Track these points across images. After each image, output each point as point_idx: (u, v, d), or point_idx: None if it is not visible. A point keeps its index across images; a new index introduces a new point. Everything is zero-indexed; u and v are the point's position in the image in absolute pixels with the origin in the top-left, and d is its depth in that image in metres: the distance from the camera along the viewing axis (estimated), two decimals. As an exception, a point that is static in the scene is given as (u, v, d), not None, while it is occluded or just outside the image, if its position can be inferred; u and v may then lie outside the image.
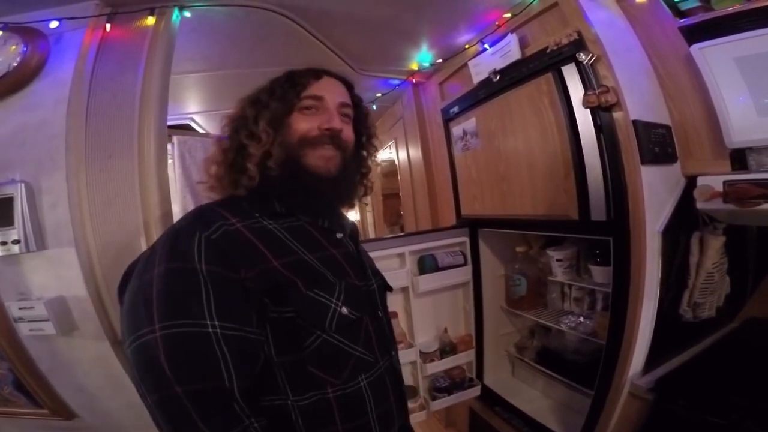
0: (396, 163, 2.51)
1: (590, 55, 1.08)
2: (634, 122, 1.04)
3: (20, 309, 0.93)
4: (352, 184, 0.78)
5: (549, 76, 1.19)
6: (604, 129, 1.09)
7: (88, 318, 0.95)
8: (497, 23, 1.39)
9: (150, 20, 1.07)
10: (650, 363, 1.15)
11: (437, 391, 1.58)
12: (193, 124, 2.13)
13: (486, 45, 1.44)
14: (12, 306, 0.94)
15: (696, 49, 1.02)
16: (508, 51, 1.32)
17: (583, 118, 1.13)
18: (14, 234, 0.90)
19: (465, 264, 1.64)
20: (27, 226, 0.91)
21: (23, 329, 0.94)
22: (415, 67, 1.81)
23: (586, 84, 1.11)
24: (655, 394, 1.05)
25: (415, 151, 2.14)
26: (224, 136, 0.73)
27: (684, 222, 1.13)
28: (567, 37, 1.13)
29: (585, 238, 1.36)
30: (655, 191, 1.08)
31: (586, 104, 1.10)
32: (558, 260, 1.49)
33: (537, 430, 1.45)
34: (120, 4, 1.05)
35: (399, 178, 2.49)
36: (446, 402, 1.59)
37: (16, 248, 0.90)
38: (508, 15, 1.33)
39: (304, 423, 0.59)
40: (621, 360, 1.14)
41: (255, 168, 0.67)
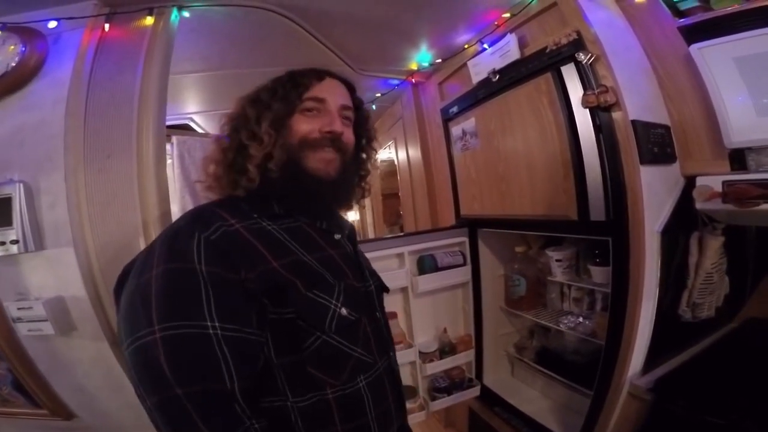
0: (395, 163, 2.51)
1: (589, 55, 1.08)
2: (633, 122, 1.04)
3: (19, 309, 0.93)
4: (351, 187, 0.78)
5: (548, 76, 1.19)
6: (603, 129, 1.09)
7: (87, 318, 0.95)
8: (496, 23, 1.39)
9: (148, 20, 1.06)
10: (649, 363, 1.15)
11: (437, 392, 1.58)
12: (193, 124, 2.13)
13: (485, 45, 1.44)
14: (10, 306, 0.94)
15: (695, 49, 1.02)
16: (508, 51, 1.32)
17: (582, 118, 1.13)
18: (13, 234, 0.90)
19: (464, 264, 1.64)
20: (25, 226, 0.91)
21: (22, 329, 0.94)
22: (415, 67, 1.81)
23: (585, 84, 1.11)
24: (655, 395, 1.05)
25: (415, 151, 2.14)
26: (224, 136, 0.72)
27: (683, 222, 1.13)
28: (566, 37, 1.13)
29: (584, 239, 1.36)
30: (654, 191, 1.08)
31: (585, 104, 1.10)
32: (557, 260, 1.49)
33: (536, 431, 1.45)
34: (118, 4, 1.05)
35: (398, 178, 2.49)
36: (446, 402, 1.59)
37: (15, 248, 0.90)
38: (507, 15, 1.33)
39: (304, 424, 0.59)
40: (620, 360, 1.13)
41: (255, 169, 0.66)
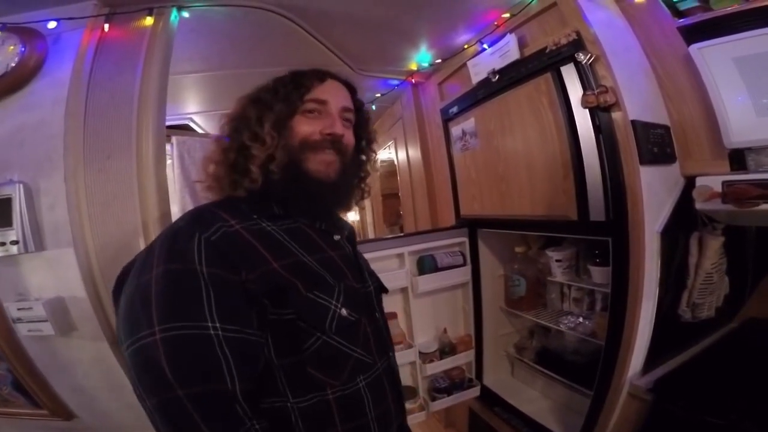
0: (395, 164, 2.51)
1: (589, 55, 1.08)
2: (633, 122, 1.04)
3: (19, 310, 0.93)
4: (351, 189, 0.78)
5: (548, 77, 1.19)
6: (603, 129, 1.09)
7: (87, 318, 0.95)
8: (496, 23, 1.39)
9: (148, 20, 1.06)
10: (649, 363, 1.15)
11: (437, 392, 1.57)
12: (193, 125, 2.13)
13: (485, 45, 1.44)
14: (11, 307, 0.94)
15: (695, 49, 1.02)
16: (507, 51, 1.32)
17: (582, 119, 1.13)
18: (12, 235, 0.90)
19: (464, 264, 1.64)
20: (25, 227, 0.91)
21: (22, 330, 0.94)
22: (415, 68, 1.81)
23: (585, 84, 1.10)
24: (654, 395, 1.05)
25: (415, 152, 2.14)
26: (224, 136, 0.72)
27: (683, 222, 1.13)
28: (566, 37, 1.13)
29: (584, 239, 1.36)
30: (654, 191, 1.08)
31: (585, 104, 1.10)
32: (557, 261, 1.49)
33: (536, 431, 1.45)
34: (118, 5, 1.05)
35: (398, 179, 2.49)
36: (446, 402, 1.59)
37: (15, 249, 0.90)
38: (507, 15, 1.33)
39: (304, 424, 0.59)
40: (620, 360, 1.13)
41: (258, 170, 0.66)
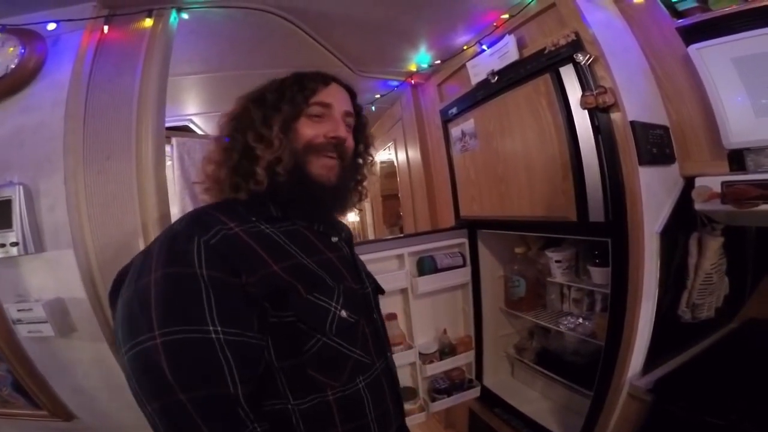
0: (395, 165, 2.51)
1: (588, 56, 1.08)
2: (632, 123, 1.04)
3: (19, 311, 0.93)
4: (349, 192, 0.79)
5: (547, 77, 1.19)
6: (602, 130, 1.09)
7: (87, 319, 0.96)
8: (495, 24, 1.39)
9: (147, 22, 1.07)
10: (649, 364, 1.15)
11: (437, 393, 1.57)
12: (192, 126, 2.13)
13: (484, 46, 1.44)
14: (10, 308, 0.94)
15: (693, 50, 1.02)
16: (506, 52, 1.32)
17: (581, 119, 1.13)
18: (12, 236, 0.91)
19: (464, 265, 1.64)
20: (25, 228, 0.91)
21: (22, 331, 0.95)
22: (414, 69, 1.81)
23: (584, 85, 1.10)
24: (654, 395, 1.05)
25: (414, 153, 2.14)
26: (224, 136, 0.71)
27: (682, 223, 1.13)
28: (565, 38, 1.13)
29: (584, 240, 1.35)
30: (653, 192, 1.08)
31: (584, 105, 1.10)
32: (557, 261, 1.49)
33: (536, 431, 1.45)
34: (117, 6, 1.05)
35: (398, 180, 2.49)
36: (446, 403, 1.58)
37: (15, 250, 0.91)
38: (506, 16, 1.33)
39: (305, 426, 0.59)
40: (620, 361, 1.13)
41: (263, 172, 0.66)
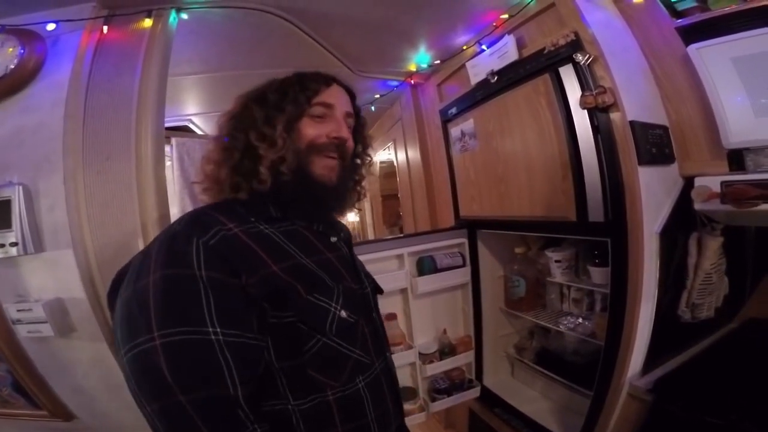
0: (395, 165, 2.51)
1: (587, 56, 1.08)
2: (632, 123, 1.04)
3: (18, 311, 0.93)
4: (349, 192, 0.79)
5: (546, 77, 1.19)
6: (602, 130, 1.09)
7: (86, 319, 0.96)
8: (494, 24, 1.39)
9: (147, 22, 1.07)
10: (649, 364, 1.15)
11: (437, 393, 1.57)
12: (192, 126, 2.14)
13: (483, 46, 1.44)
14: (10, 308, 0.94)
15: (693, 50, 1.02)
16: (506, 52, 1.32)
17: (581, 119, 1.13)
18: (12, 236, 0.91)
19: (464, 265, 1.64)
20: (25, 229, 0.91)
21: (21, 331, 0.95)
22: (414, 69, 1.81)
23: (583, 85, 1.10)
24: (654, 395, 1.05)
25: (414, 153, 2.14)
26: (223, 135, 0.70)
27: (682, 223, 1.13)
28: (564, 38, 1.13)
29: (584, 240, 1.35)
30: (653, 192, 1.08)
31: (583, 105, 1.10)
32: (557, 261, 1.49)
33: (536, 431, 1.45)
34: (117, 6, 1.05)
35: (398, 180, 2.49)
36: (446, 403, 1.58)
37: (14, 251, 0.91)
38: (506, 16, 1.34)
39: (305, 426, 0.59)
40: (620, 361, 1.13)
41: (267, 172, 0.66)
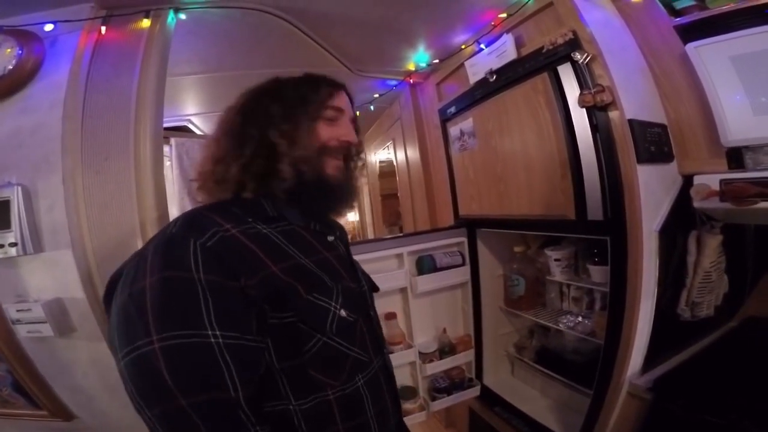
0: (394, 164, 2.51)
1: (585, 55, 1.08)
2: (630, 121, 1.04)
3: (18, 311, 0.93)
4: (352, 193, 0.80)
5: (545, 76, 1.19)
6: (600, 128, 1.09)
7: (86, 319, 0.96)
8: (493, 23, 1.39)
9: (145, 23, 1.07)
10: (649, 362, 1.15)
11: (437, 392, 1.58)
12: (191, 126, 2.14)
13: (482, 45, 1.44)
14: (10, 308, 0.94)
15: (691, 48, 1.02)
16: (504, 51, 1.32)
17: (579, 118, 1.13)
18: (11, 237, 0.91)
19: (463, 264, 1.64)
20: (24, 229, 0.92)
21: (21, 331, 0.95)
22: (413, 68, 1.81)
23: (582, 83, 1.10)
24: (654, 394, 1.05)
25: (413, 152, 2.14)
26: (232, 130, 0.69)
27: (681, 221, 1.13)
28: (562, 37, 1.13)
29: (583, 238, 1.35)
30: (652, 190, 1.08)
31: (582, 104, 1.10)
32: (556, 260, 1.49)
33: (536, 430, 1.45)
34: (115, 7, 1.05)
35: (397, 179, 2.49)
36: (446, 402, 1.59)
37: (13, 251, 0.91)
38: (504, 15, 1.34)
39: (307, 426, 0.59)
40: (619, 359, 1.13)
41: (290, 169, 0.66)
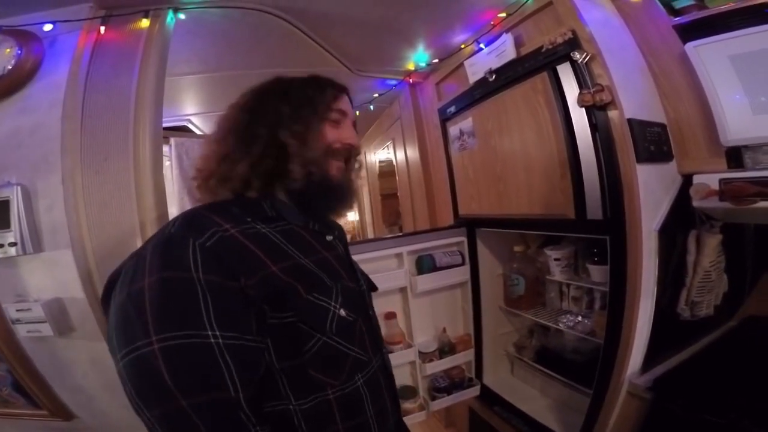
0: (394, 164, 2.51)
1: (585, 54, 1.08)
2: (629, 121, 1.04)
3: (18, 311, 0.94)
4: (352, 194, 0.81)
5: (544, 76, 1.19)
6: (600, 128, 1.09)
7: (86, 319, 0.96)
8: (492, 23, 1.39)
9: (144, 23, 1.07)
10: (648, 362, 1.15)
11: (437, 391, 1.58)
12: (191, 126, 2.14)
13: (481, 45, 1.44)
14: (9, 308, 0.95)
15: (690, 48, 1.02)
16: (504, 50, 1.32)
17: (579, 117, 1.13)
18: (11, 236, 0.91)
19: (463, 264, 1.64)
20: (23, 229, 0.92)
21: (21, 331, 0.95)
22: (412, 68, 1.81)
23: (581, 83, 1.10)
24: (654, 394, 1.05)
25: (413, 152, 2.14)
26: (238, 128, 0.68)
27: (680, 220, 1.13)
28: (561, 36, 1.13)
29: (583, 237, 1.35)
30: (651, 190, 1.07)
31: (581, 103, 1.10)
32: (556, 259, 1.49)
33: (536, 430, 1.45)
34: (114, 7, 1.05)
35: (397, 179, 2.49)
36: (446, 402, 1.59)
37: (13, 251, 0.91)
38: (503, 14, 1.34)
39: (307, 426, 0.59)
40: (619, 359, 1.13)
41: (302, 170, 0.66)
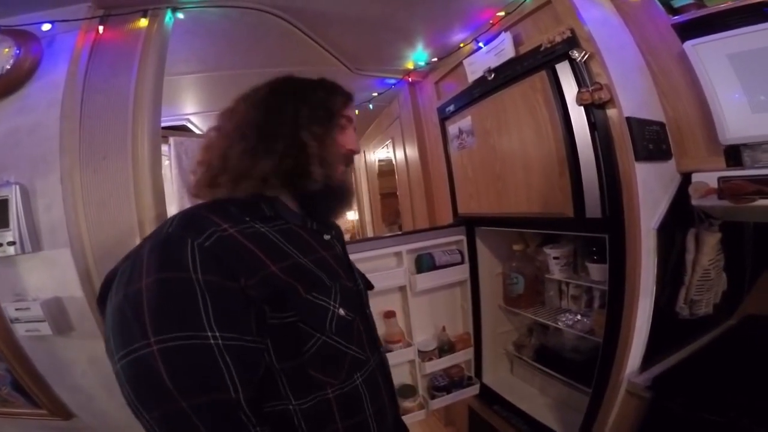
0: (393, 163, 2.52)
1: (583, 53, 1.08)
2: (628, 119, 1.04)
3: (16, 310, 0.94)
4: (353, 197, 0.83)
5: (543, 74, 1.19)
6: (598, 126, 1.09)
7: (85, 318, 0.96)
8: (491, 22, 1.39)
9: (143, 22, 1.07)
10: (647, 361, 1.15)
11: (436, 390, 1.58)
12: (190, 125, 2.14)
13: (480, 43, 1.44)
14: (8, 307, 0.95)
15: (689, 46, 1.02)
16: (503, 49, 1.32)
17: (577, 116, 1.13)
18: (9, 236, 0.91)
19: (462, 262, 1.64)
20: (22, 228, 0.92)
21: (20, 330, 0.95)
22: (411, 66, 1.81)
23: (580, 81, 1.10)
24: (653, 392, 1.05)
25: (412, 150, 2.14)
26: (257, 124, 0.67)
27: (679, 219, 1.12)
28: (560, 35, 1.13)
29: (582, 236, 1.35)
30: (650, 188, 1.07)
31: (580, 102, 1.10)
32: (555, 258, 1.49)
33: (536, 428, 1.45)
34: (112, 6, 1.05)
35: (396, 178, 2.50)
36: (445, 401, 1.59)
37: (12, 250, 0.91)
38: (502, 13, 1.34)
39: (307, 425, 0.59)
40: (618, 358, 1.13)
41: (321, 170, 0.67)
